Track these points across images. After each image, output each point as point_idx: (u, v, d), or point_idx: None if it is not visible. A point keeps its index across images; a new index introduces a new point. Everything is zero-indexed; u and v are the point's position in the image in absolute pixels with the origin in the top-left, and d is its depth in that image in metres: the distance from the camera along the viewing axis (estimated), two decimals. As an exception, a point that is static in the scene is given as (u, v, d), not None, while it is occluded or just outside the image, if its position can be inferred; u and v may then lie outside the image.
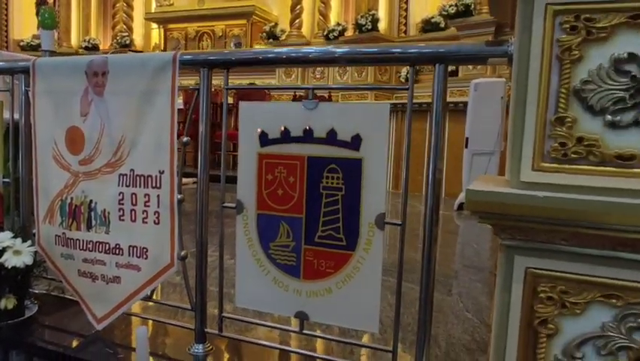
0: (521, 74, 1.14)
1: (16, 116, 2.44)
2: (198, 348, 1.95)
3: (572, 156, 1.10)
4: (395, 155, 7.44)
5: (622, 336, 1.09)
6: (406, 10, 8.93)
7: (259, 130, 1.72)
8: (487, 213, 1.17)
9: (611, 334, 1.10)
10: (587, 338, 1.12)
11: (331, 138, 1.59)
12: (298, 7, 9.58)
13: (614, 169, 1.07)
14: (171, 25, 11.44)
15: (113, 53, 10.55)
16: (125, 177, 1.94)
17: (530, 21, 1.12)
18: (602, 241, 1.08)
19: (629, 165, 1.06)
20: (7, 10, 12.90)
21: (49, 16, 4.62)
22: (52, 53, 4.48)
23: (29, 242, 2.16)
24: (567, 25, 1.09)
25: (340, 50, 1.62)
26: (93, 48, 12.02)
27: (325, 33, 9.22)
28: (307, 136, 1.63)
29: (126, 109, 1.92)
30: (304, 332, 1.79)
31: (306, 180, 1.65)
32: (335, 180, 1.60)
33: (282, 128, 1.67)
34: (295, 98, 7.95)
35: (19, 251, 2.09)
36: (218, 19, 10.84)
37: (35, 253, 2.15)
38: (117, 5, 11.96)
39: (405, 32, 8.98)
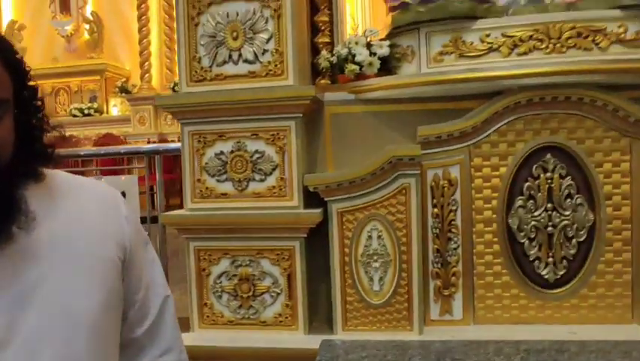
0: (183, 159, 2.17)
1: None
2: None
3: (205, 194, 2.14)
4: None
5: (233, 270, 2.14)
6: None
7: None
8: (174, 225, 2.19)
9: (229, 270, 2.14)
10: (221, 273, 2.15)
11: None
12: (147, 63, 9.34)
13: (221, 199, 2.13)
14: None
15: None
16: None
17: (184, 139, 2.15)
18: (223, 230, 2.13)
19: (226, 196, 2.13)
20: None
21: None
22: None
23: None
24: (196, 140, 2.14)
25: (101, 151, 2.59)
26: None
27: (172, 86, 8.85)
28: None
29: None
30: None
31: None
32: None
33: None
34: (149, 142, 8.18)
35: None
36: (73, 75, 10.11)
37: None
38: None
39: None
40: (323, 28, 2.30)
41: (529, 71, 1.93)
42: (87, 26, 10.58)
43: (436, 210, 2.07)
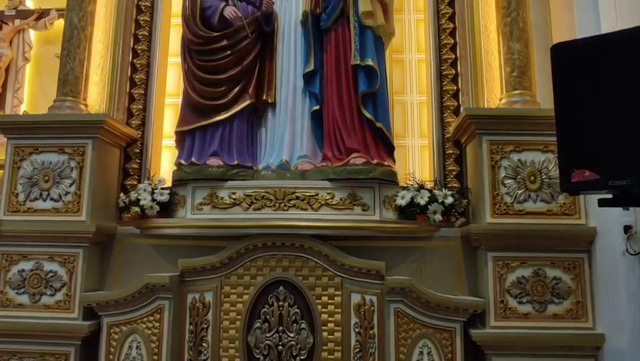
0: (-5, 274, 2.67)
1: None
2: None
3: (5, 304, 2.62)
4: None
5: (20, 370, 2.57)
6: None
7: None
8: None
9: (17, 369, 2.57)
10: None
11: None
12: None
13: (17, 309, 2.61)
14: None
15: None
16: None
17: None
18: None
19: (21, 307, 2.61)
20: None
21: None
22: None
23: None
24: (5, 259, 2.65)
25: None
26: None
27: None
28: None
29: None
30: None
31: None
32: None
33: None
34: None
35: None
36: None
37: None
38: None
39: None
40: (132, 173, 2.93)
41: (260, 223, 2.55)
42: None
43: (191, 326, 2.58)
